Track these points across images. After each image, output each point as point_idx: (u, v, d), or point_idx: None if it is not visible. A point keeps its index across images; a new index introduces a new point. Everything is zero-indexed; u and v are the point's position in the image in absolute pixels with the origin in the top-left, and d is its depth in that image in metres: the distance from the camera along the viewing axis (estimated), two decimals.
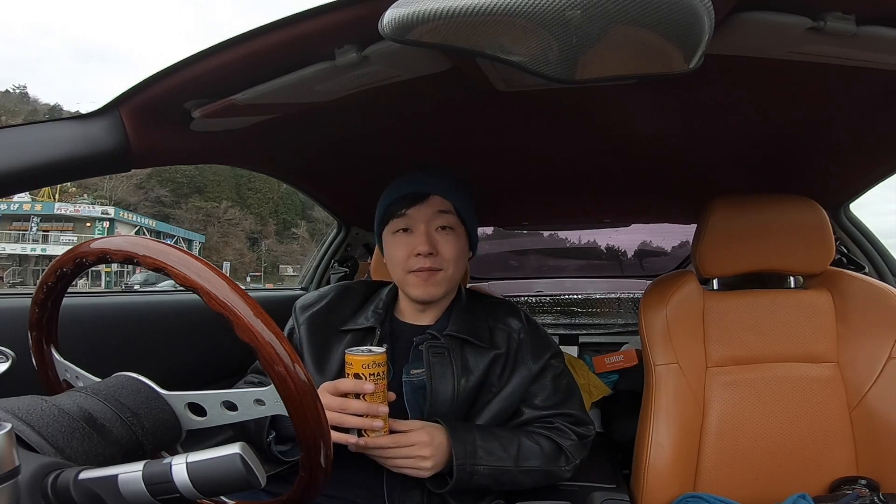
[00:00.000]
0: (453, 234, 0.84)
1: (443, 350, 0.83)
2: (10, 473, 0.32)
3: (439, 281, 0.83)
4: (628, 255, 2.31)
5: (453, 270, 0.84)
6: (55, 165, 0.62)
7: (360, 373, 0.68)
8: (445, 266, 0.83)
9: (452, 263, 0.84)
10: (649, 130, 0.95)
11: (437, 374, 0.81)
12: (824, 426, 0.94)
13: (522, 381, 0.86)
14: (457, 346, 0.84)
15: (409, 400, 0.81)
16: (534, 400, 0.87)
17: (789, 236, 0.99)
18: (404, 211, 0.83)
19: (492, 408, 0.84)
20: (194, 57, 0.59)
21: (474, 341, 0.85)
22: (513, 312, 0.91)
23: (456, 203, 0.84)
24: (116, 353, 0.93)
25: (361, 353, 0.69)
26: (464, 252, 0.87)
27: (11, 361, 0.67)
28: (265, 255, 48.15)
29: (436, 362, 0.82)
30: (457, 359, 0.83)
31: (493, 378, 0.85)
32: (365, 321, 0.87)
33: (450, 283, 0.85)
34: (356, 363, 0.68)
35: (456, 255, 0.84)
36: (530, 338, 0.89)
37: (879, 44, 0.54)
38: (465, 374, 0.83)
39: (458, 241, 0.84)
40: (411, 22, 0.45)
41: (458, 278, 0.87)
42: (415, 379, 0.82)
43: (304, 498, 0.50)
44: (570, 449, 0.85)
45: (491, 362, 0.85)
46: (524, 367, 0.86)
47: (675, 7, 0.43)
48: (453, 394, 0.81)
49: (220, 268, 0.46)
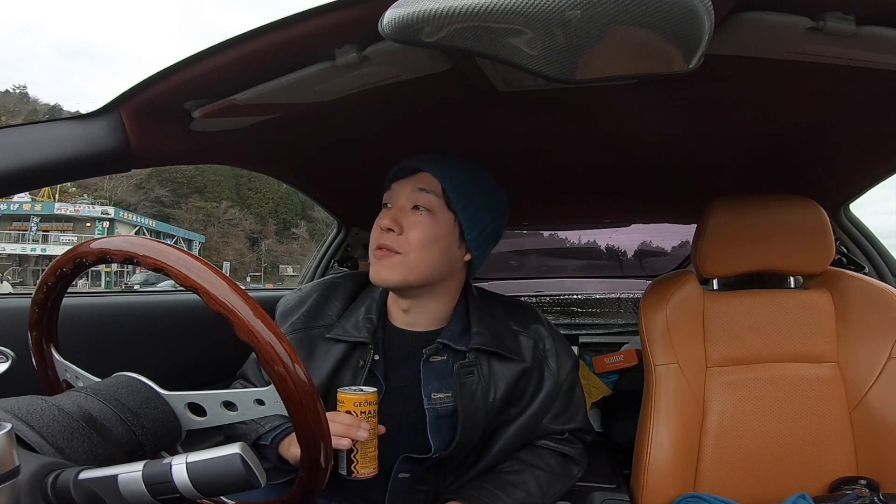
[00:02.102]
0: (428, 217, 0.72)
1: (472, 368, 0.74)
2: (10, 473, 0.32)
3: (394, 264, 0.71)
4: (628, 255, 2.31)
5: (415, 257, 0.71)
6: (55, 165, 0.62)
7: (351, 410, 0.68)
8: (406, 250, 0.71)
9: (415, 249, 0.71)
10: (649, 131, 0.95)
11: (466, 395, 0.73)
12: (824, 426, 0.94)
13: (549, 396, 0.80)
14: (484, 360, 0.76)
15: (433, 428, 0.73)
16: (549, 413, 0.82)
17: (789, 236, 0.99)
18: (391, 185, 0.75)
19: (519, 425, 0.79)
20: (194, 57, 0.59)
21: (504, 353, 0.77)
22: (536, 318, 0.84)
23: (446, 182, 0.72)
24: (116, 353, 0.93)
25: (353, 392, 0.68)
26: (441, 242, 0.72)
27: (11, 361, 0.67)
28: (265, 255, 48.15)
29: (466, 383, 0.73)
30: (484, 375, 0.75)
31: (519, 392, 0.78)
32: (356, 331, 0.76)
33: (409, 270, 0.71)
34: (348, 401, 0.68)
35: (423, 240, 0.71)
36: (555, 348, 0.82)
37: (879, 44, 0.54)
38: (494, 390, 0.75)
39: (432, 226, 0.71)
40: (411, 22, 0.45)
41: (427, 272, 0.73)
42: (440, 406, 0.74)
43: (304, 498, 0.50)
44: (578, 456, 0.86)
45: (518, 376, 0.77)
46: (551, 380, 0.80)
47: (674, 7, 0.43)
48: (484, 417, 0.74)
49: (220, 268, 0.46)
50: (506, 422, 0.79)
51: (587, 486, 1.01)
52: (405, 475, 0.76)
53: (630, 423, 1.06)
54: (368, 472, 0.68)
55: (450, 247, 0.74)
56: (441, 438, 0.73)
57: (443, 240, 0.73)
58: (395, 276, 0.72)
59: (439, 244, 0.73)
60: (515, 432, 0.80)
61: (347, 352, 0.76)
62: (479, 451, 0.80)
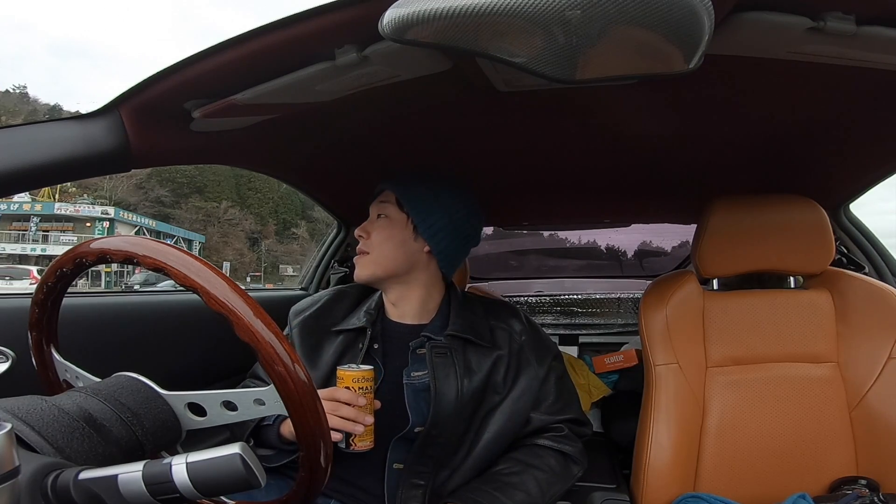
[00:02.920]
0: (385, 221, 0.88)
1: (445, 350, 0.83)
2: (10, 473, 0.32)
3: (366, 262, 0.87)
4: (628, 255, 2.31)
5: (377, 254, 0.87)
6: (55, 165, 0.62)
7: (350, 386, 0.73)
8: (370, 248, 0.87)
9: (376, 247, 0.87)
10: (649, 130, 0.95)
11: (440, 375, 0.81)
12: (824, 426, 0.94)
13: (531, 385, 0.86)
14: (459, 346, 0.84)
15: (411, 403, 0.81)
16: (541, 405, 0.87)
17: (789, 236, 0.99)
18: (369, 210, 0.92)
19: (503, 410, 0.84)
20: (194, 57, 0.59)
21: (476, 341, 0.85)
22: (514, 314, 0.92)
23: (397, 191, 0.88)
24: (116, 353, 0.93)
25: (351, 369, 0.74)
26: (397, 239, 0.87)
27: (11, 361, 0.67)
28: (265, 255, 48.15)
29: (439, 363, 0.82)
30: (459, 359, 0.83)
31: (498, 379, 0.85)
32: (357, 321, 0.88)
33: (375, 266, 0.87)
34: (347, 378, 0.73)
35: (381, 238, 0.87)
36: (532, 339, 0.89)
37: (879, 44, 0.54)
38: (469, 374, 0.82)
39: (388, 227, 0.87)
40: (411, 22, 0.45)
41: (389, 264, 0.87)
42: (416, 381, 0.82)
43: (304, 498, 0.50)
44: (578, 455, 0.87)
45: (494, 363, 0.85)
46: (530, 369, 0.86)
47: (674, 7, 0.43)
48: (457, 395, 0.80)
49: (220, 268, 0.46)
50: (490, 410, 0.84)
51: (587, 486, 1.01)
52: (399, 466, 0.80)
53: (630, 423, 1.06)
54: (366, 445, 0.73)
55: (405, 240, 0.87)
56: (419, 413, 0.80)
57: (397, 235, 0.87)
58: (366, 271, 0.87)
59: (395, 239, 0.87)
60: (501, 419, 0.84)
61: (350, 340, 0.87)
62: (470, 443, 0.82)
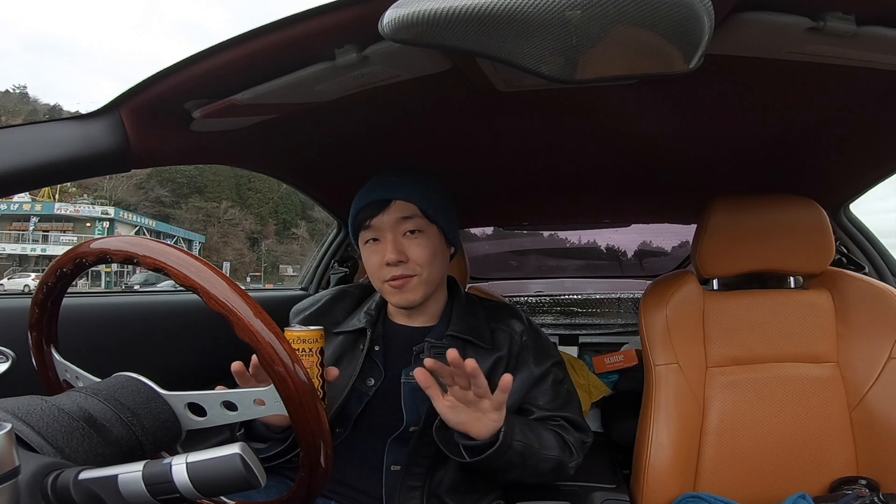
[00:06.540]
0: (423, 237, 0.82)
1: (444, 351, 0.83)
2: (10, 473, 0.32)
3: (414, 286, 0.81)
4: (628, 256, 2.32)
5: (428, 273, 0.82)
6: (55, 165, 0.62)
7: None
8: (418, 271, 0.81)
9: (426, 267, 0.81)
10: (649, 131, 0.95)
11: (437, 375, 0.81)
12: (824, 426, 0.94)
13: (523, 384, 0.85)
14: (458, 347, 0.82)
15: (407, 403, 0.81)
16: (537, 402, 0.86)
17: (789, 236, 0.99)
18: (369, 222, 0.82)
19: None
20: (194, 57, 0.59)
21: (476, 342, 0.84)
22: (515, 315, 0.91)
23: (420, 203, 0.82)
24: (116, 353, 0.93)
25: (292, 330, 0.68)
26: (438, 251, 0.84)
27: (11, 361, 0.67)
28: (265, 256, 48.16)
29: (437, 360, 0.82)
30: None
31: (495, 380, 0.83)
32: (357, 322, 0.86)
33: (427, 285, 0.83)
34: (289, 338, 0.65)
35: (428, 257, 0.81)
36: (532, 341, 0.88)
37: (879, 44, 0.54)
38: None
39: (429, 243, 0.82)
40: (411, 22, 0.45)
41: (438, 279, 0.85)
42: (413, 381, 0.81)
43: (304, 498, 0.50)
44: (574, 444, 0.85)
45: (493, 364, 0.84)
46: (526, 369, 0.86)
47: (674, 7, 0.43)
48: None
49: (220, 268, 0.47)
50: None
51: (587, 486, 1.01)
52: (396, 467, 0.79)
53: (630, 423, 1.06)
54: None
55: (444, 252, 0.86)
56: (413, 411, 0.80)
57: (439, 249, 0.84)
58: (417, 295, 0.82)
59: (439, 254, 0.84)
60: None
61: (350, 342, 0.86)
62: None
